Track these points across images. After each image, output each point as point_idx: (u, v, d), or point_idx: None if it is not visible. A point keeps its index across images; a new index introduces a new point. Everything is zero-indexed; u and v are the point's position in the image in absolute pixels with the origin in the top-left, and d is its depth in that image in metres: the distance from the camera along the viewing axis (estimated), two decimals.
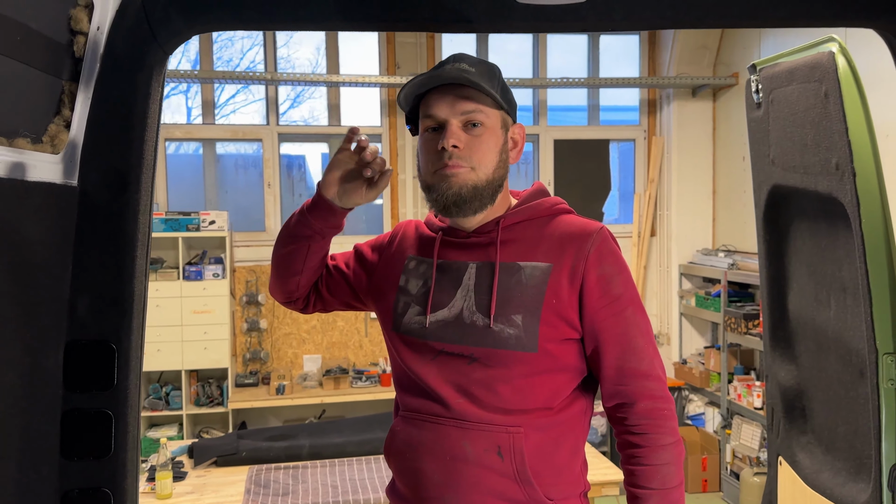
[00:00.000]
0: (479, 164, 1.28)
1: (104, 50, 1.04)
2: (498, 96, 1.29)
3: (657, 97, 5.61)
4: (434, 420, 1.30)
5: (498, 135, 1.31)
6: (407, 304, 1.37)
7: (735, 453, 4.61)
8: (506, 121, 1.34)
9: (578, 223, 1.34)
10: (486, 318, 1.28)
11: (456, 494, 1.26)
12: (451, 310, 1.32)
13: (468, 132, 1.28)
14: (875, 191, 1.51)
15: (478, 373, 1.28)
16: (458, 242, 1.37)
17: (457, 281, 1.33)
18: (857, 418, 1.69)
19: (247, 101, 5.43)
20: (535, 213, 1.36)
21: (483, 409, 1.27)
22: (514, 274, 1.30)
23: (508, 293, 1.29)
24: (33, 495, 1.06)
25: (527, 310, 1.27)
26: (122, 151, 1.07)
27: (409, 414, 1.36)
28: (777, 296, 2.05)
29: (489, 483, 1.25)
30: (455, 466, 1.26)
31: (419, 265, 1.40)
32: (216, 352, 4.82)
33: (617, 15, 1.14)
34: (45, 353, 1.05)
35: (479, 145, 1.28)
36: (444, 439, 1.28)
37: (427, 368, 1.32)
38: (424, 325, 1.33)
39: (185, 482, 3.08)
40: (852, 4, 1.16)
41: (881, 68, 1.36)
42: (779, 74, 1.79)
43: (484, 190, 1.29)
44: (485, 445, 1.25)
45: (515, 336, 1.26)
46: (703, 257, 5.26)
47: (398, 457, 1.36)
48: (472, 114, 1.28)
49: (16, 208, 0.91)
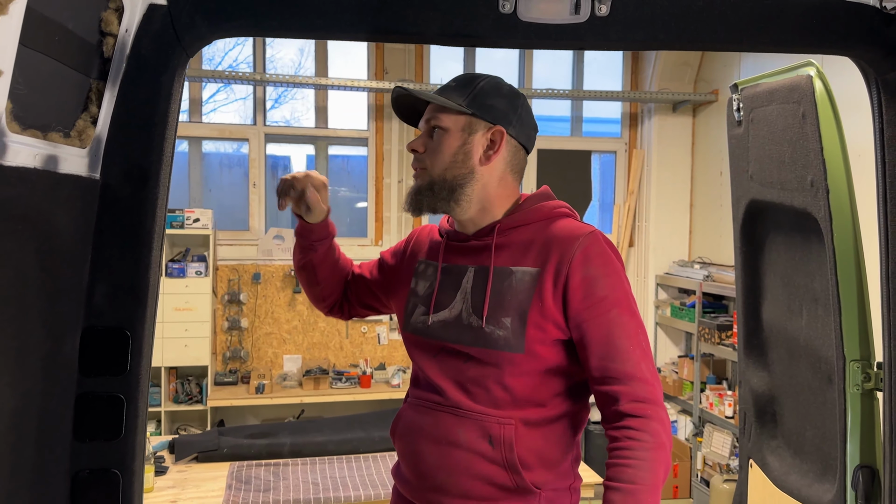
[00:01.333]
0: (431, 164, 1.41)
1: (130, 51, 1.10)
2: (458, 104, 1.39)
3: (639, 111, 5.74)
4: (432, 407, 1.40)
5: (456, 137, 1.40)
6: (415, 305, 1.48)
7: (706, 460, 4.72)
8: (472, 125, 1.40)
9: (571, 227, 1.39)
10: (479, 320, 1.36)
11: (449, 476, 1.35)
12: (451, 311, 1.41)
13: (432, 137, 1.42)
14: (846, 207, 1.60)
15: (472, 370, 1.37)
16: (459, 246, 1.47)
17: (457, 284, 1.43)
18: (824, 422, 1.78)
19: (228, 100, 5.46)
20: (532, 218, 1.42)
21: (476, 402, 1.36)
22: (507, 278, 1.37)
23: (500, 297, 1.36)
24: (47, 475, 1.10)
25: (515, 313, 1.34)
26: (144, 148, 1.13)
27: (414, 400, 1.47)
28: (752, 305, 2.14)
29: (479, 468, 1.34)
30: (449, 451, 1.35)
31: (427, 268, 1.51)
32: (196, 349, 4.82)
33: (613, 36, 1.22)
34: (63, 339, 1.10)
35: (434, 148, 1.41)
36: (441, 425, 1.37)
37: (430, 364, 1.42)
38: (427, 324, 1.43)
39: (166, 476, 3.10)
40: (829, 34, 1.25)
41: (858, 92, 1.45)
42: (759, 94, 1.89)
43: (433, 187, 1.41)
44: (477, 433, 1.34)
45: (504, 337, 1.33)
46: (679, 268, 5.39)
47: (402, 439, 1.46)
48: (431, 121, 1.42)
49: (48, 199, 0.96)
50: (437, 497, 1.37)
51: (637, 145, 5.75)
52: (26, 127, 0.88)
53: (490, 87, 1.42)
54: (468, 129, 1.40)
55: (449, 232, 1.50)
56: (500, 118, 1.42)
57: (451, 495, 1.35)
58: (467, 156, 1.40)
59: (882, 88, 1.33)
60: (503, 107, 1.42)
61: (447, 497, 1.36)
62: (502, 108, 1.42)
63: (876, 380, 1.61)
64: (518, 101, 1.45)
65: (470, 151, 1.40)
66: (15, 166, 0.85)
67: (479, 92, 1.41)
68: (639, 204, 5.69)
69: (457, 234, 1.48)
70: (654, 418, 1.28)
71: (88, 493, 1.17)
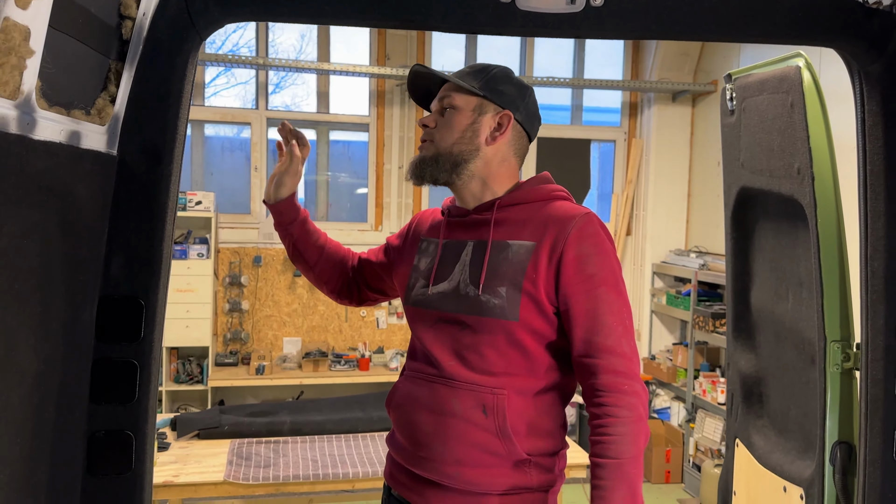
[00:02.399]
0: (439, 138, 1.51)
1: (147, 34, 1.15)
2: (472, 86, 1.49)
3: (639, 100, 5.78)
4: (428, 378, 1.47)
5: (467, 115, 1.50)
6: (416, 279, 1.56)
7: (698, 446, 4.80)
8: (483, 106, 1.50)
9: (567, 208, 1.48)
10: (476, 289, 1.44)
11: (444, 445, 1.42)
12: (450, 282, 1.49)
13: (443, 114, 1.52)
14: (831, 194, 1.66)
15: (468, 338, 1.44)
16: (460, 222, 1.55)
17: (456, 257, 1.51)
18: (807, 402, 1.85)
19: (229, 84, 5.49)
20: (531, 198, 1.51)
21: (471, 370, 1.42)
22: (503, 251, 1.45)
23: (496, 267, 1.44)
24: (66, 435, 1.17)
25: (510, 282, 1.41)
26: (159, 126, 1.19)
27: (410, 373, 1.53)
28: (741, 290, 2.20)
29: (474, 436, 1.40)
30: (444, 420, 1.42)
31: (429, 245, 1.59)
32: (197, 330, 4.89)
33: (608, 25, 1.28)
34: (82, 307, 1.16)
35: (444, 123, 1.51)
36: (436, 395, 1.44)
37: (427, 334, 1.49)
38: (427, 295, 1.51)
39: (168, 452, 3.17)
40: (814, 27, 1.31)
41: (848, 84, 1.51)
42: (751, 84, 1.94)
43: (439, 159, 1.50)
44: (471, 403, 1.41)
45: (500, 306, 1.41)
46: (675, 257, 5.45)
47: (398, 409, 1.53)
48: (445, 100, 1.51)
49: (71, 172, 1.02)
50: (433, 465, 1.44)
51: (636, 135, 5.79)
52: (52, 104, 0.94)
53: (502, 75, 1.53)
54: (479, 110, 1.50)
55: (451, 208, 1.58)
56: (509, 103, 1.51)
57: (446, 462, 1.42)
58: (475, 134, 1.49)
59: (864, 79, 1.39)
60: (513, 93, 1.52)
61: (443, 465, 1.42)
62: (512, 95, 1.52)
63: (855, 360, 1.68)
64: (527, 91, 1.55)
65: (478, 130, 1.49)
66: (44, 140, 0.91)
67: (491, 77, 1.51)
68: (637, 193, 5.74)
69: (458, 210, 1.55)
70: (631, 392, 1.35)
71: (104, 453, 1.23)
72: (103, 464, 1.24)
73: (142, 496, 1.28)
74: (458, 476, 1.41)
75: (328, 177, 5.57)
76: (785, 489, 1.89)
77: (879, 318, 1.43)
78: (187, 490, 2.88)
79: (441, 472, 1.43)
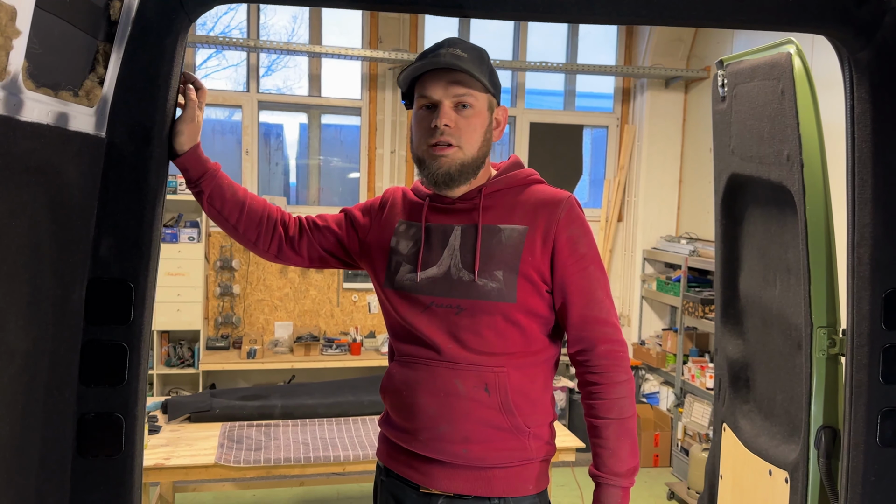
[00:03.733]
0: (467, 144, 1.46)
1: (136, 15, 1.14)
2: (486, 81, 1.46)
3: (631, 86, 5.77)
4: (427, 363, 1.49)
5: (484, 116, 1.48)
6: (399, 263, 1.55)
7: (686, 430, 4.85)
8: (491, 103, 1.51)
9: (550, 192, 1.54)
10: (471, 274, 1.46)
11: (450, 424, 1.46)
12: (439, 267, 1.50)
13: (458, 113, 1.45)
14: (819, 181, 1.67)
15: (465, 321, 1.47)
16: (443, 207, 1.55)
17: (443, 242, 1.51)
18: (793, 387, 1.87)
19: (219, 67, 5.45)
20: (512, 183, 1.54)
21: (470, 352, 1.46)
22: (495, 235, 1.48)
23: (490, 252, 1.47)
24: (55, 416, 1.17)
25: (506, 266, 1.46)
26: (147, 108, 1.18)
27: (405, 358, 1.54)
28: (729, 276, 2.22)
29: (479, 413, 1.45)
30: (448, 401, 1.46)
31: (409, 228, 1.57)
32: (189, 314, 4.89)
33: (597, 10, 1.28)
34: (71, 288, 1.16)
35: (467, 126, 1.45)
36: (438, 378, 1.47)
37: (419, 318, 1.50)
38: (416, 281, 1.51)
39: (159, 435, 3.18)
40: (804, 13, 1.31)
41: (839, 71, 1.52)
42: (742, 71, 1.95)
43: (469, 166, 1.49)
44: (474, 383, 1.45)
45: (497, 289, 1.45)
46: (666, 243, 5.47)
47: (395, 394, 1.54)
48: (463, 97, 1.44)
49: (59, 154, 1.02)
50: (439, 444, 1.47)
51: (629, 121, 5.79)
52: (40, 85, 0.93)
53: (493, 67, 1.52)
54: (490, 108, 1.50)
55: (430, 195, 1.56)
56: (499, 96, 1.53)
57: (454, 441, 1.46)
58: (490, 133, 1.52)
59: (853, 66, 1.39)
60: (498, 84, 1.53)
61: (450, 444, 1.47)
62: (499, 86, 1.53)
63: (840, 345, 1.70)
64: None
65: (491, 129, 1.51)
66: (30, 121, 0.91)
67: (491, 69, 1.50)
68: (629, 179, 5.75)
69: (440, 198, 1.55)
70: (624, 357, 1.50)
71: (93, 434, 1.24)
72: (93, 446, 1.25)
73: (132, 478, 1.29)
74: (467, 454, 1.46)
75: (320, 161, 5.55)
76: (770, 473, 1.92)
77: (865, 304, 1.44)
78: (178, 473, 2.89)
79: (448, 451, 1.47)
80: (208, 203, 1.55)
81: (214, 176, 1.54)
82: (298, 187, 5.61)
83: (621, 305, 5.82)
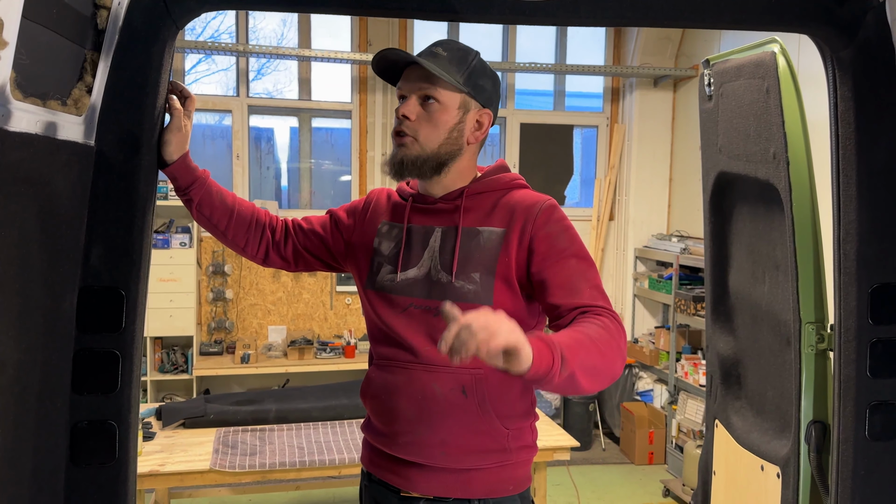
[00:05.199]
0: (424, 137, 1.45)
1: (123, 23, 1.15)
2: (457, 80, 1.43)
3: (620, 86, 5.80)
4: (405, 366, 1.48)
5: (452, 114, 1.45)
6: (380, 264, 1.55)
7: (680, 427, 4.87)
8: (466, 103, 1.47)
9: (530, 196, 1.51)
10: (448, 276, 1.46)
11: (429, 427, 1.45)
12: (420, 269, 1.50)
13: (424, 107, 1.44)
14: (805, 178, 1.69)
15: (442, 323, 1.39)
16: (425, 208, 1.54)
17: (424, 243, 1.51)
18: (783, 383, 1.89)
19: (209, 72, 5.44)
20: (495, 186, 1.53)
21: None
22: (474, 237, 1.47)
23: (468, 254, 1.46)
24: (48, 425, 1.17)
25: (484, 268, 1.44)
26: (136, 116, 1.19)
27: (383, 361, 1.53)
28: (719, 273, 2.24)
29: (456, 417, 1.44)
30: (426, 404, 1.45)
31: (391, 229, 1.57)
32: (181, 320, 4.87)
33: (582, 13, 1.29)
34: (62, 297, 1.16)
35: (428, 120, 1.44)
36: (416, 382, 1.46)
37: (398, 320, 1.49)
38: (395, 282, 1.51)
39: (153, 442, 3.17)
40: (787, 13, 1.33)
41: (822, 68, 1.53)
42: (729, 70, 1.96)
43: (426, 161, 1.46)
44: (451, 385, 1.44)
45: (474, 291, 1.44)
46: (657, 242, 5.49)
47: (374, 399, 1.54)
48: (427, 90, 1.44)
49: (48, 163, 1.02)
50: (417, 448, 1.47)
51: (618, 120, 5.81)
52: (28, 95, 0.93)
53: (481, 67, 1.49)
54: (464, 108, 1.47)
55: (414, 195, 1.57)
56: (489, 101, 1.50)
57: (431, 445, 1.45)
58: (460, 134, 1.47)
59: (836, 65, 1.41)
60: (490, 88, 1.51)
61: (428, 447, 1.46)
62: (490, 90, 1.51)
63: (829, 341, 1.71)
64: (498, 83, 1.54)
65: (462, 130, 1.47)
66: (19, 132, 0.91)
67: (473, 70, 1.47)
68: (619, 178, 5.77)
69: (423, 198, 1.55)
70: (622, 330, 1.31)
71: (87, 443, 1.24)
72: (87, 454, 1.25)
73: (126, 486, 1.29)
74: (444, 456, 1.45)
75: (311, 164, 5.55)
76: (762, 468, 1.93)
77: (852, 299, 1.46)
78: (173, 479, 2.89)
79: (426, 454, 1.46)
80: (197, 210, 1.56)
81: (203, 184, 1.55)
82: (290, 191, 5.60)
83: (614, 304, 5.83)
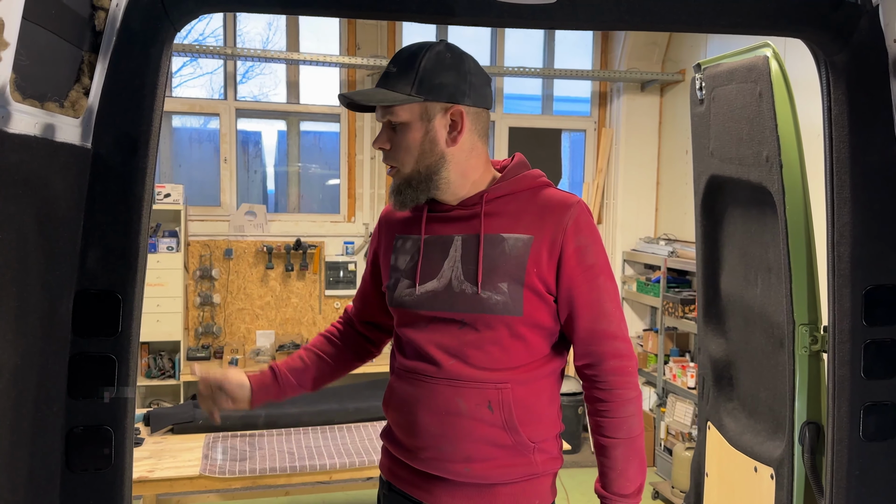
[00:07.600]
0: (401, 163, 1.42)
1: (120, 25, 1.14)
2: (407, 93, 1.36)
3: (608, 90, 5.83)
4: (427, 379, 1.43)
5: (417, 128, 1.39)
6: (397, 280, 1.50)
7: (669, 430, 4.89)
8: (428, 110, 1.38)
9: (558, 197, 1.45)
10: (473, 287, 1.40)
11: (452, 443, 1.41)
12: (440, 280, 1.44)
13: (395, 132, 1.41)
14: (798, 181, 1.71)
15: (469, 335, 1.41)
16: (442, 216, 1.48)
17: (444, 253, 1.45)
18: (776, 384, 1.90)
19: (194, 75, 5.41)
20: (517, 188, 1.46)
21: (473, 368, 1.40)
22: (498, 245, 1.41)
23: (493, 263, 1.40)
24: (44, 430, 1.16)
25: (511, 278, 1.39)
26: (133, 118, 1.18)
27: (405, 373, 1.48)
28: (711, 276, 2.25)
29: (481, 432, 1.40)
30: (449, 420, 1.41)
31: (406, 242, 1.52)
32: (168, 324, 4.83)
33: (581, 16, 1.29)
34: (59, 301, 1.15)
35: (398, 146, 1.42)
36: (438, 396, 1.42)
37: (421, 334, 1.45)
38: (414, 296, 1.45)
39: (142, 448, 3.14)
40: (782, 18, 1.34)
41: (815, 73, 1.55)
42: (720, 74, 1.98)
43: (415, 181, 1.42)
44: (476, 401, 1.40)
45: (503, 302, 1.39)
46: (645, 245, 5.52)
47: (396, 410, 1.50)
48: (389, 117, 1.40)
49: (46, 166, 1.01)
50: (441, 463, 1.43)
51: (606, 124, 5.84)
52: (26, 96, 0.92)
53: (433, 64, 1.37)
54: (426, 117, 1.39)
55: (429, 204, 1.49)
56: (455, 95, 1.39)
57: (455, 460, 1.41)
58: (434, 143, 1.40)
59: (830, 69, 1.42)
60: (452, 80, 1.38)
61: (452, 463, 1.41)
62: (452, 83, 1.38)
63: (822, 342, 1.73)
64: (464, 66, 1.40)
65: (435, 138, 1.40)
66: (18, 133, 0.90)
67: (423, 73, 1.37)
68: (607, 182, 5.80)
69: (439, 205, 1.48)
70: (633, 372, 1.45)
71: (83, 448, 1.22)
72: (82, 459, 1.23)
73: (121, 491, 1.28)
74: (469, 472, 1.41)
75: (299, 168, 5.53)
76: (756, 469, 1.94)
77: (846, 301, 1.47)
78: (162, 485, 2.86)
79: (450, 469, 1.42)
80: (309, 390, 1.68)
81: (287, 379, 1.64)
82: (277, 195, 5.58)
83: None
